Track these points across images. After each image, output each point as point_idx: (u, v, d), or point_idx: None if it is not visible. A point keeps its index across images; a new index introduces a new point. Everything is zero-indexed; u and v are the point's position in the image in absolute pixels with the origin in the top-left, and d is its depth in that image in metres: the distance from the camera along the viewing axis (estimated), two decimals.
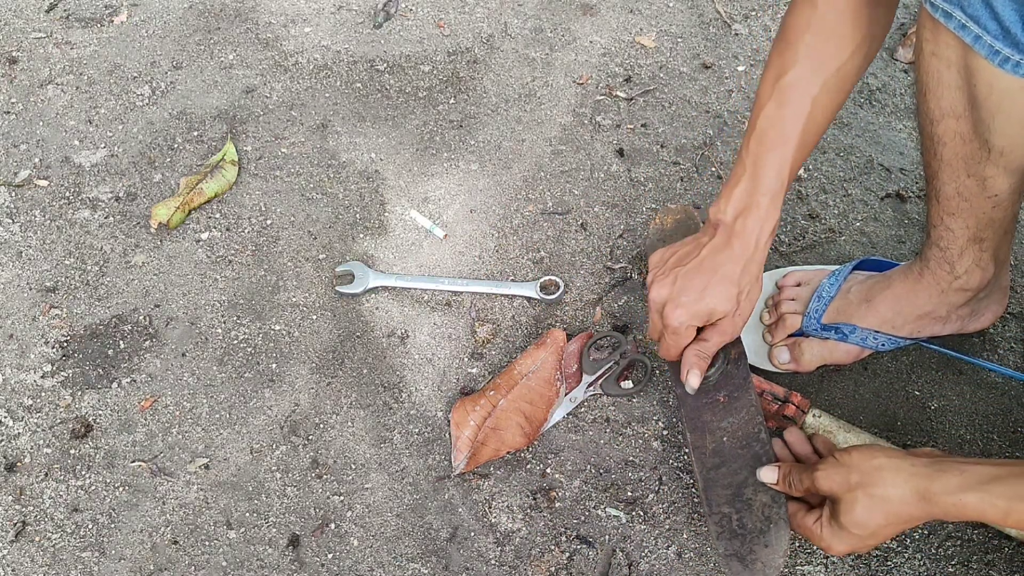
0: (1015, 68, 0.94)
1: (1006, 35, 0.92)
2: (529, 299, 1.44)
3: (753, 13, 1.80)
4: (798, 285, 1.36)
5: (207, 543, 1.24)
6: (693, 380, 1.17)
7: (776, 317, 1.34)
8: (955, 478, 0.95)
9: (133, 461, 1.30)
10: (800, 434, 1.18)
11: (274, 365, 1.39)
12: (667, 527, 1.23)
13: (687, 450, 1.25)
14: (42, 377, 1.38)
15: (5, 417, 1.34)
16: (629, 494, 1.26)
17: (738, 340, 1.21)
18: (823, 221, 1.51)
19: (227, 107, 1.68)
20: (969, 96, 1.02)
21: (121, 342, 1.41)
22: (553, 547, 1.22)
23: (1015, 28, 0.91)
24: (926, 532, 1.21)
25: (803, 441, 1.17)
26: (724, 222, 1.12)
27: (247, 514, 1.26)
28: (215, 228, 1.53)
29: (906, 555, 1.20)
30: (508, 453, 1.28)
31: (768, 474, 1.11)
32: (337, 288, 1.44)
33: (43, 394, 1.36)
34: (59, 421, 1.34)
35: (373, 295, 1.45)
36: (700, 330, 1.17)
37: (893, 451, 1.02)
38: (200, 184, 1.55)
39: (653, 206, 1.53)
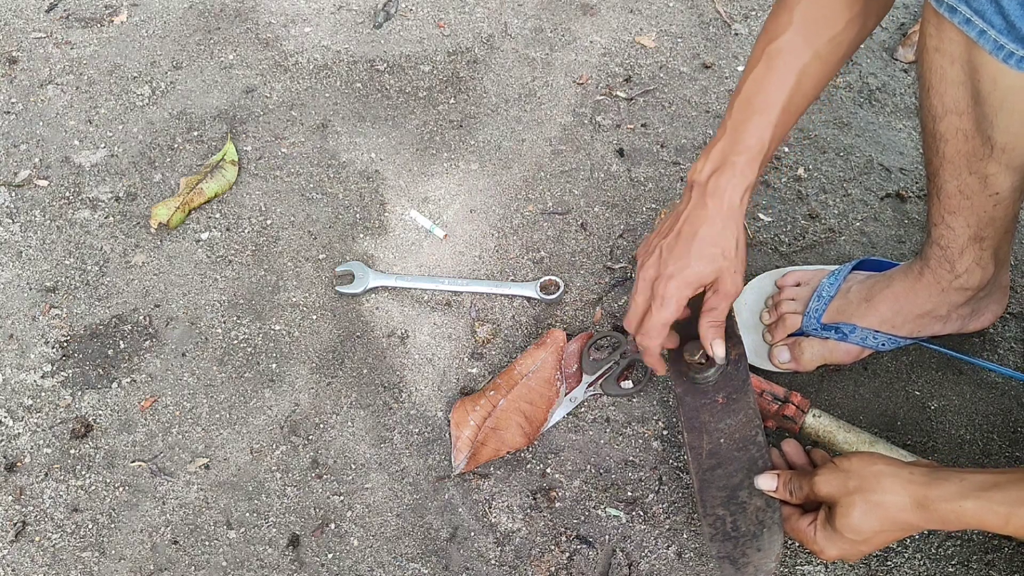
0: (1020, 64, 0.94)
1: (1011, 30, 0.92)
2: (529, 299, 1.44)
3: (753, 13, 1.80)
4: (798, 285, 1.36)
5: (207, 543, 1.24)
6: (719, 349, 1.14)
7: (776, 317, 1.34)
8: (954, 486, 0.95)
9: (133, 461, 1.30)
10: (797, 445, 1.17)
11: (274, 365, 1.39)
12: (667, 527, 1.23)
13: (685, 450, 1.25)
14: (42, 377, 1.38)
15: (5, 417, 1.34)
16: (629, 494, 1.26)
17: (739, 341, 1.21)
18: (823, 221, 1.51)
19: (227, 107, 1.68)
20: (972, 92, 1.01)
21: (121, 342, 1.41)
22: (553, 547, 1.22)
23: (1021, 23, 0.91)
24: (926, 532, 1.21)
25: (800, 452, 1.16)
26: (698, 182, 1.11)
27: (247, 514, 1.26)
28: (215, 228, 1.53)
29: (906, 555, 1.20)
30: (508, 453, 1.28)
31: (766, 482, 1.10)
32: (337, 288, 1.44)
33: (43, 394, 1.36)
34: (59, 421, 1.34)
35: (373, 295, 1.45)
36: (699, 305, 1.15)
37: (893, 459, 1.02)
38: (200, 184, 1.55)
39: (653, 206, 1.53)
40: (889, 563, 1.19)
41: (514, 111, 1.67)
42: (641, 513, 1.24)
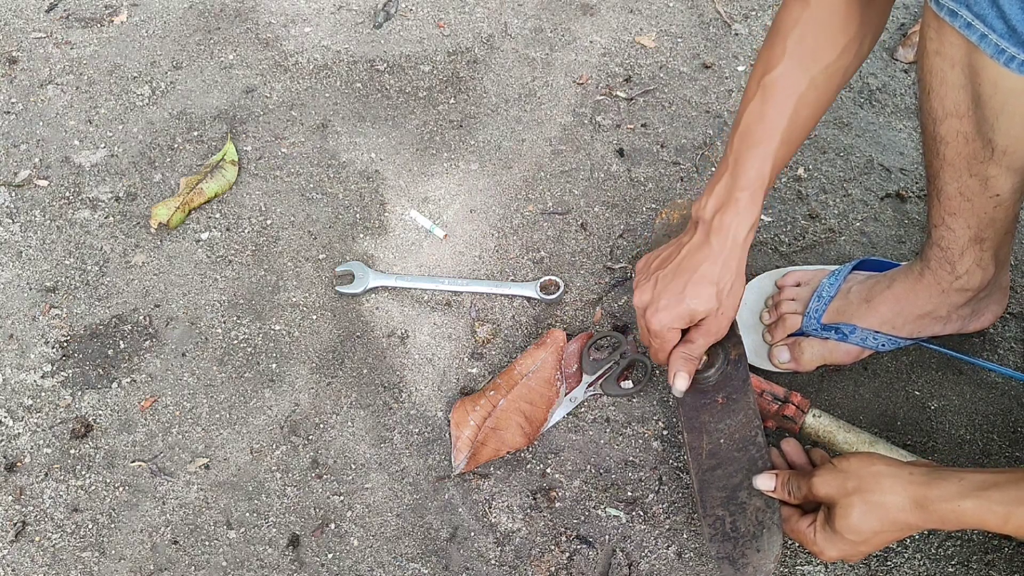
0: (1021, 67, 0.94)
1: (1012, 33, 0.92)
2: (529, 299, 1.44)
3: (753, 13, 1.80)
4: (798, 285, 1.36)
5: (207, 543, 1.24)
6: (680, 383, 1.16)
7: (776, 317, 1.34)
8: (953, 485, 0.95)
9: (133, 461, 1.30)
10: (797, 445, 1.17)
11: (274, 365, 1.39)
12: (667, 527, 1.23)
13: (685, 450, 1.25)
14: (42, 377, 1.38)
15: (5, 417, 1.34)
16: (629, 494, 1.26)
17: (739, 341, 1.21)
18: (823, 221, 1.51)
19: (227, 107, 1.68)
20: (973, 95, 1.01)
21: (121, 342, 1.41)
22: (553, 547, 1.22)
23: (1021, 27, 0.91)
24: (926, 532, 1.21)
25: (800, 452, 1.16)
26: (703, 219, 1.12)
27: (247, 514, 1.26)
28: (215, 228, 1.53)
29: (906, 555, 1.20)
30: (508, 453, 1.28)
31: (765, 482, 1.10)
32: (337, 288, 1.44)
33: (43, 394, 1.36)
34: (59, 421, 1.34)
35: (373, 295, 1.45)
36: (686, 331, 1.16)
37: (892, 459, 1.02)
38: (200, 184, 1.55)
39: (653, 206, 1.53)
40: (889, 563, 1.19)
41: (514, 111, 1.67)
42: (641, 513, 1.24)
